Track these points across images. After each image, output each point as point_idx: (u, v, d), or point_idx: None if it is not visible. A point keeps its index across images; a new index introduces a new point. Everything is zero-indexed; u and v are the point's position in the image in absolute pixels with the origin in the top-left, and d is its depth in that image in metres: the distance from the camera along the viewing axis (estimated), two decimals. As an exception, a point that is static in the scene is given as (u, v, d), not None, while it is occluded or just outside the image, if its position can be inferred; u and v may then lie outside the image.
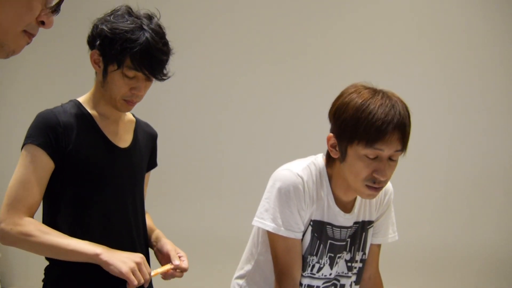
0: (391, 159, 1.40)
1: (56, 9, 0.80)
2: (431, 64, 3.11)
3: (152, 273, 1.48)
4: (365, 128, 1.35)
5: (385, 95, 1.40)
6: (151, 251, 1.71)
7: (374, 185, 1.41)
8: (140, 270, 1.38)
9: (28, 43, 0.80)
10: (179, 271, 1.56)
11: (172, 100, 3.44)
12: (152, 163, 1.78)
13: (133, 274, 1.36)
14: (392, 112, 1.35)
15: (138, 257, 1.42)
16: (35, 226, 1.38)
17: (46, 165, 1.43)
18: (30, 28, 0.78)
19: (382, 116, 1.34)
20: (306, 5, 3.32)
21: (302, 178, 1.47)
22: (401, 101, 1.41)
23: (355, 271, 1.62)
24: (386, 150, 1.37)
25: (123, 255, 1.40)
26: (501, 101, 3.02)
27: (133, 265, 1.37)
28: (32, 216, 1.41)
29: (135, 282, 1.36)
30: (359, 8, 3.24)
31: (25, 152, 1.43)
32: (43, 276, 1.57)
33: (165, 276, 1.55)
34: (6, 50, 0.78)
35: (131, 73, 1.47)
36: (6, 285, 3.93)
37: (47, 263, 1.56)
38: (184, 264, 1.57)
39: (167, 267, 1.55)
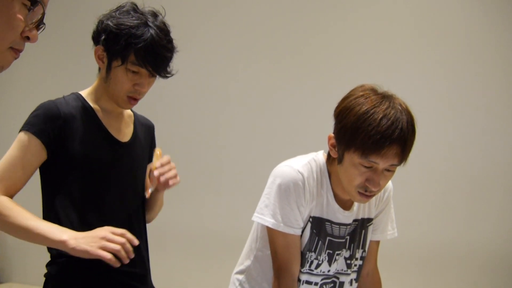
0: (388, 170, 1.40)
1: (39, 24, 0.84)
2: (431, 63, 3.11)
3: (150, 189, 1.53)
4: (363, 139, 1.34)
5: (391, 104, 1.37)
6: (151, 240, 1.71)
7: (366, 193, 1.42)
8: (110, 241, 1.31)
9: (15, 58, 0.84)
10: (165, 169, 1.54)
11: (172, 97, 3.45)
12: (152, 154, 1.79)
13: (103, 249, 1.30)
14: (393, 126, 1.33)
15: (103, 230, 1.35)
16: (7, 205, 1.36)
17: (37, 153, 1.44)
18: (15, 44, 0.82)
19: (382, 129, 1.32)
20: (308, 3, 3.32)
21: (302, 174, 1.47)
22: (408, 113, 1.38)
23: (355, 268, 1.63)
24: (381, 164, 1.37)
25: (88, 235, 1.33)
26: (500, 99, 3.03)
27: (98, 242, 1.31)
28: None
29: (108, 256, 1.29)
30: (360, 7, 3.24)
31: (19, 138, 1.45)
32: (41, 271, 1.57)
33: (160, 184, 1.55)
34: None
35: (134, 68, 1.48)
36: (5, 280, 3.94)
37: (46, 258, 1.56)
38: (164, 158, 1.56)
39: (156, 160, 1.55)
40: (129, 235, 1.36)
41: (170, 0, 1.81)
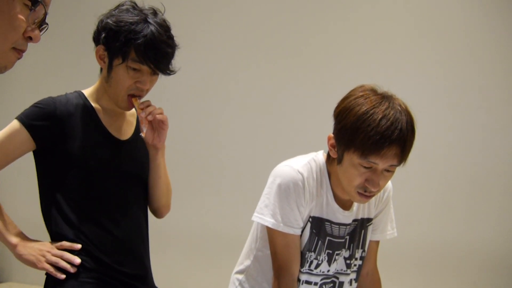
0: (387, 170, 1.41)
1: (42, 25, 0.85)
2: (431, 62, 3.11)
3: (144, 129, 1.53)
4: (362, 140, 1.34)
5: (391, 105, 1.37)
6: (151, 239, 1.71)
7: (365, 193, 1.42)
8: (54, 255, 1.46)
9: (18, 58, 0.86)
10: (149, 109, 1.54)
11: (172, 97, 3.44)
12: None
13: (47, 262, 1.46)
14: (393, 127, 1.33)
15: (47, 246, 1.49)
16: None
17: (23, 145, 1.47)
18: (18, 44, 0.84)
19: (381, 130, 1.33)
20: (308, 3, 3.32)
21: (302, 174, 1.48)
22: (407, 113, 1.39)
23: (354, 268, 1.63)
24: (380, 164, 1.37)
25: (36, 247, 1.48)
26: (500, 98, 3.03)
27: (44, 256, 1.46)
28: None
29: (51, 269, 1.45)
30: (360, 7, 3.24)
31: (11, 125, 1.49)
32: (41, 271, 1.58)
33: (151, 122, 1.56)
34: None
35: (135, 66, 1.48)
36: (5, 280, 3.94)
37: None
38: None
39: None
40: (66, 244, 1.49)
41: (172, 3, 1.81)
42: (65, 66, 3.78)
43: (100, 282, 1.49)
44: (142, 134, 1.55)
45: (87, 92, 1.59)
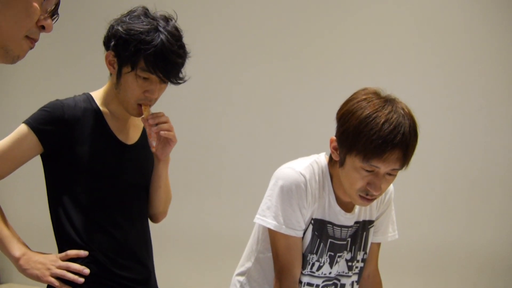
0: (389, 174, 1.41)
1: (54, 13, 0.85)
2: (431, 63, 3.12)
3: (154, 142, 1.51)
4: (365, 143, 1.34)
5: (394, 108, 1.37)
6: (154, 240, 1.72)
7: (367, 196, 1.42)
8: (59, 267, 1.44)
9: (31, 48, 0.85)
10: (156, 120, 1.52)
11: (173, 98, 3.43)
12: None
13: (52, 276, 1.43)
14: (395, 131, 1.33)
15: (51, 258, 1.46)
16: None
17: (31, 149, 1.47)
18: (31, 33, 0.83)
19: (383, 134, 1.33)
20: (310, 5, 3.33)
21: (304, 176, 1.48)
22: (410, 117, 1.38)
23: (356, 270, 1.63)
24: (382, 168, 1.37)
25: (39, 260, 1.45)
26: (501, 100, 3.03)
27: (49, 269, 1.43)
28: None
29: (57, 283, 1.43)
30: (362, 9, 3.24)
31: (19, 129, 1.48)
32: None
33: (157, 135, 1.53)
34: (11, 56, 0.83)
35: (145, 75, 1.46)
36: (5, 281, 3.94)
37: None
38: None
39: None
40: (72, 253, 1.47)
41: (173, 4, 1.81)
42: (68, 67, 3.78)
43: (103, 287, 1.50)
44: (153, 149, 1.53)
45: (95, 94, 1.58)
